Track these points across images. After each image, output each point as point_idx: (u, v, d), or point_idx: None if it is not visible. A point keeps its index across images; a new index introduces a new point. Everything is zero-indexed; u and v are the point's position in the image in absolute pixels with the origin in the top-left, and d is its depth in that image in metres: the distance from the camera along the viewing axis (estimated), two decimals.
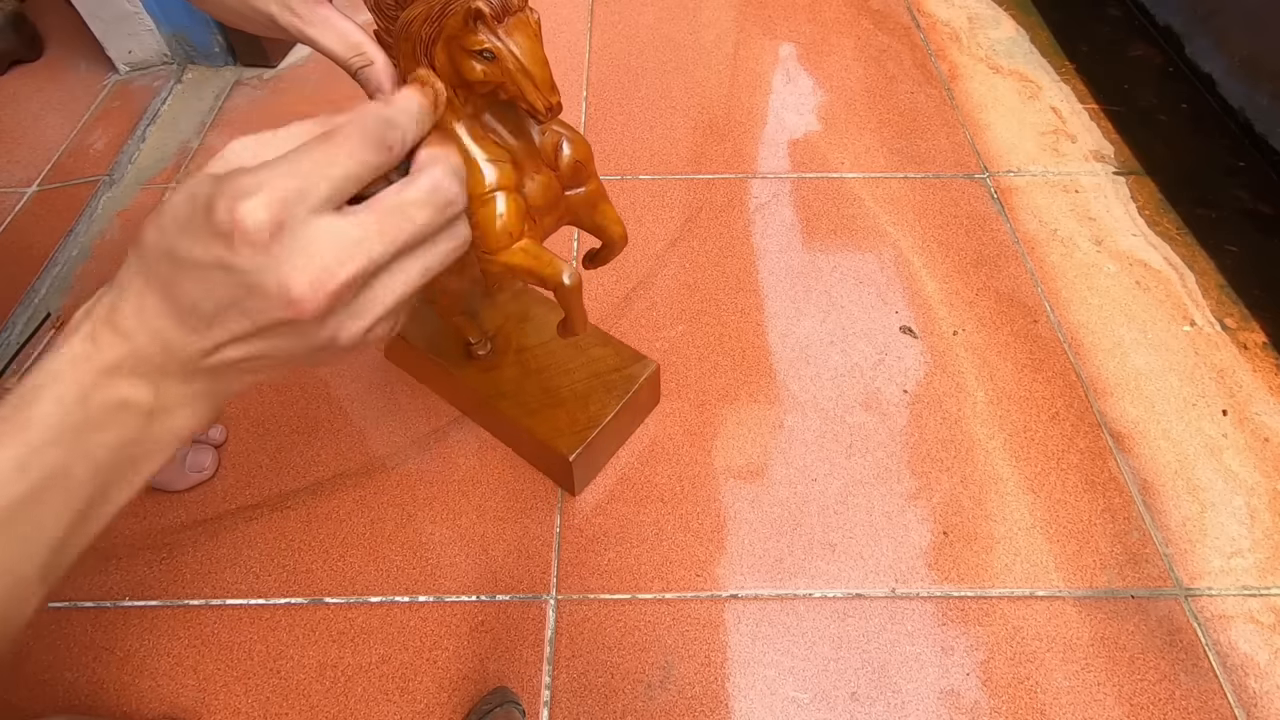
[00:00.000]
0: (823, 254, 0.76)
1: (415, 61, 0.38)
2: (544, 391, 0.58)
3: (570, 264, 0.44)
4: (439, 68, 0.38)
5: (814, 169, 0.84)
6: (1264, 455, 0.61)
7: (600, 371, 0.59)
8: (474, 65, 0.37)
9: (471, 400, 0.61)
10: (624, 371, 0.59)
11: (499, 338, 0.61)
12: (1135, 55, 0.98)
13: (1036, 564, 0.55)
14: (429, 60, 0.38)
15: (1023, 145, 0.87)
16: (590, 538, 0.57)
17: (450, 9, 0.36)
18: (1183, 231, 0.77)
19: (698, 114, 0.92)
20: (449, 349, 0.60)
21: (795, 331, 0.70)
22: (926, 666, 0.51)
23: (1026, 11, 1.05)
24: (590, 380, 0.58)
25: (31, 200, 0.84)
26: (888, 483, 0.60)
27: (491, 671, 0.51)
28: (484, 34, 0.36)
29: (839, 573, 0.55)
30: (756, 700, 0.49)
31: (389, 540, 0.57)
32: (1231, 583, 0.54)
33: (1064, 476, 0.60)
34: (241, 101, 0.95)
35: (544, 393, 0.58)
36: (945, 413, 0.64)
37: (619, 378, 0.59)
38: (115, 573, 0.55)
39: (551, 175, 0.44)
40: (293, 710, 0.49)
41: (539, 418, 0.56)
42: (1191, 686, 0.50)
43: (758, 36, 1.03)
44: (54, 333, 0.71)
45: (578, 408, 0.57)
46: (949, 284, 0.73)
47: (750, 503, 0.59)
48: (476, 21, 0.36)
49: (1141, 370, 0.66)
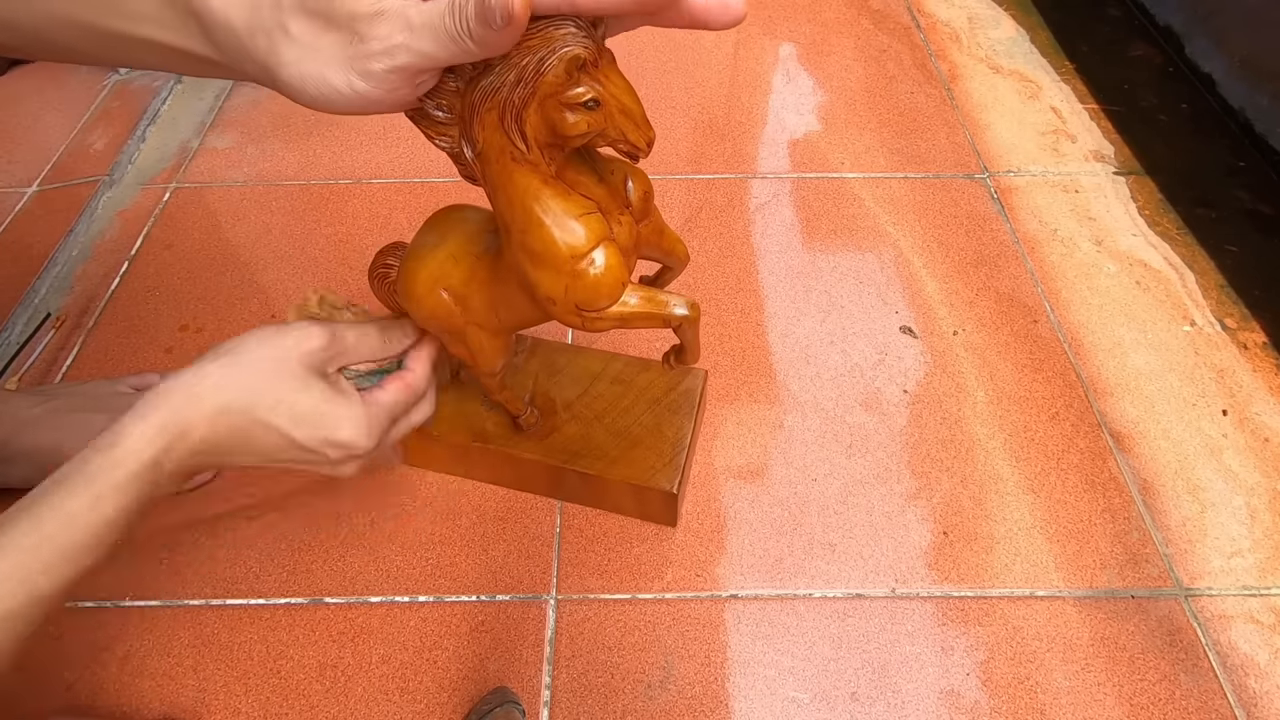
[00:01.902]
0: (823, 254, 0.76)
1: (501, 132, 0.34)
2: (615, 436, 0.55)
3: (680, 295, 0.41)
4: (530, 132, 0.34)
5: (814, 169, 0.84)
6: (1264, 455, 0.61)
7: (658, 397, 0.57)
8: (572, 119, 0.34)
9: (542, 473, 0.56)
10: (680, 389, 0.57)
11: (537, 399, 0.57)
12: (1135, 55, 0.98)
13: (1036, 564, 0.55)
14: (519, 125, 0.34)
15: (1023, 145, 0.87)
16: (590, 538, 0.57)
17: (547, 65, 0.32)
18: (1183, 231, 0.77)
19: (698, 114, 0.92)
20: (496, 431, 0.56)
21: (795, 331, 0.70)
22: (926, 666, 0.51)
23: (1026, 11, 1.06)
24: (653, 409, 0.56)
25: (31, 200, 0.84)
26: (888, 483, 0.60)
27: (491, 671, 0.51)
28: (585, 84, 0.33)
29: (839, 573, 0.55)
30: (756, 700, 0.49)
31: (389, 540, 0.57)
32: (1231, 583, 0.54)
33: (1064, 476, 0.60)
34: (241, 101, 0.95)
35: (616, 438, 0.55)
36: (945, 413, 0.64)
37: (679, 396, 0.57)
38: (115, 573, 0.55)
39: (629, 215, 0.41)
40: (293, 710, 0.49)
41: (625, 464, 0.54)
42: (1191, 686, 0.50)
43: (758, 36, 1.03)
44: (53, 333, 0.71)
45: (656, 440, 0.55)
46: (949, 284, 0.73)
47: (750, 503, 0.59)
48: (580, 72, 0.33)
49: (1141, 370, 0.66)
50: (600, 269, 0.38)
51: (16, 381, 0.67)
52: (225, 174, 0.86)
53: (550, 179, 0.37)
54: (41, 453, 0.56)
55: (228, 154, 0.88)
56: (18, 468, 0.56)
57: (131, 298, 0.74)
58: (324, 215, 0.81)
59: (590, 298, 0.39)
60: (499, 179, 0.37)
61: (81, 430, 0.57)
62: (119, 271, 0.76)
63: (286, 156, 0.87)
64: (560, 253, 0.38)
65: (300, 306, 0.44)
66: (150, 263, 0.77)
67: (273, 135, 0.90)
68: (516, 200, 0.37)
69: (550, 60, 0.32)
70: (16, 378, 0.67)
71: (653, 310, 0.40)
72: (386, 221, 0.80)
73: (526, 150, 0.35)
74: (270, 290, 0.74)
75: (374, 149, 0.88)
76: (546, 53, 0.32)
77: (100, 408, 0.59)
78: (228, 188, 0.85)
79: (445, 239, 0.44)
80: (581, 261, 0.38)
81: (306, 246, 0.78)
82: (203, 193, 0.84)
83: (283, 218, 0.81)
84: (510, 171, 0.36)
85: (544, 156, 0.36)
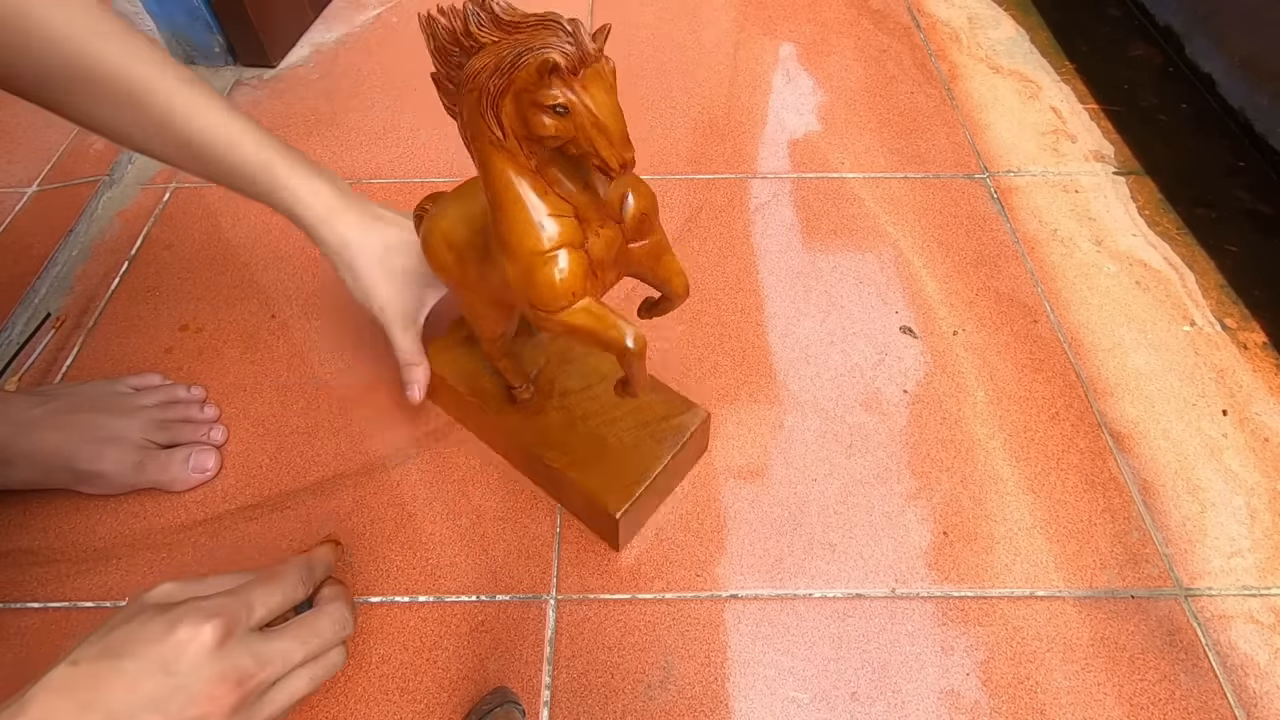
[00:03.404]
0: (823, 254, 0.76)
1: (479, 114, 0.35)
2: (590, 440, 0.55)
3: (633, 326, 0.41)
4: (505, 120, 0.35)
5: (814, 169, 0.84)
6: (1264, 455, 0.61)
7: (648, 420, 0.56)
8: (544, 120, 0.34)
9: (514, 447, 0.58)
10: (673, 421, 0.56)
11: (541, 379, 0.58)
12: (1135, 55, 0.98)
13: (1036, 564, 0.55)
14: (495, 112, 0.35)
15: (1023, 145, 0.87)
16: (590, 538, 0.57)
17: (522, 61, 0.33)
18: (1183, 231, 0.77)
19: (698, 114, 0.92)
20: (492, 392, 0.58)
21: (795, 331, 0.70)
22: (926, 666, 0.51)
23: (1026, 11, 1.06)
24: (638, 430, 0.55)
25: (31, 200, 0.84)
26: (888, 483, 0.60)
27: (491, 671, 0.51)
28: (558, 88, 0.33)
29: (839, 573, 0.55)
30: (756, 700, 0.49)
31: (389, 540, 0.57)
32: (1231, 583, 0.54)
33: (1064, 476, 0.60)
34: (242, 101, 0.95)
35: (590, 442, 0.55)
36: (945, 413, 0.64)
37: (668, 428, 0.55)
38: (115, 573, 0.55)
39: (617, 229, 0.41)
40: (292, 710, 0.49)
41: (586, 470, 0.53)
42: (1191, 686, 0.50)
43: (758, 36, 1.03)
44: (53, 333, 0.71)
45: (625, 460, 0.54)
46: (949, 284, 0.73)
47: (750, 503, 0.59)
48: (551, 75, 0.33)
49: (1141, 370, 0.66)
50: (556, 272, 0.38)
51: (16, 382, 0.67)
52: None
53: (528, 171, 0.37)
54: (43, 454, 0.56)
55: None
56: (19, 470, 0.56)
57: (131, 298, 0.74)
58: None
59: (539, 296, 0.39)
60: (480, 158, 0.38)
61: (82, 431, 0.57)
62: (119, 271, 0.76)
63: None
64: (521, 244, 0.38)
65: None
66: (150, 263, 0.77)
67: None
68: (491, 184, 0.38)
69: (526, 58, 0.33)
70: (16, 378, 0.67)
71: (599, 331, 0.40)
72: None
73: (504, 138, 0.36)
74: (270, 290, 0.74)
75: (374, 149, 0.88)
76: (526, 50, 0.33)
77: (100, 408, 0.59)
78: None
79: (465, 201, 0.46)
80: (540, 259, 0.38)
81: (306, 246, 0.77)
82: (203, 193, 0.84)
83: (283, 218, 0.81)
84: (489, 154, 0.37)
85: (522, 148, 0.36)
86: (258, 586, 0.37)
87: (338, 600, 0.40)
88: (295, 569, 0.40)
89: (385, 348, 0.58)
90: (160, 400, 0.62)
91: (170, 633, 0.33)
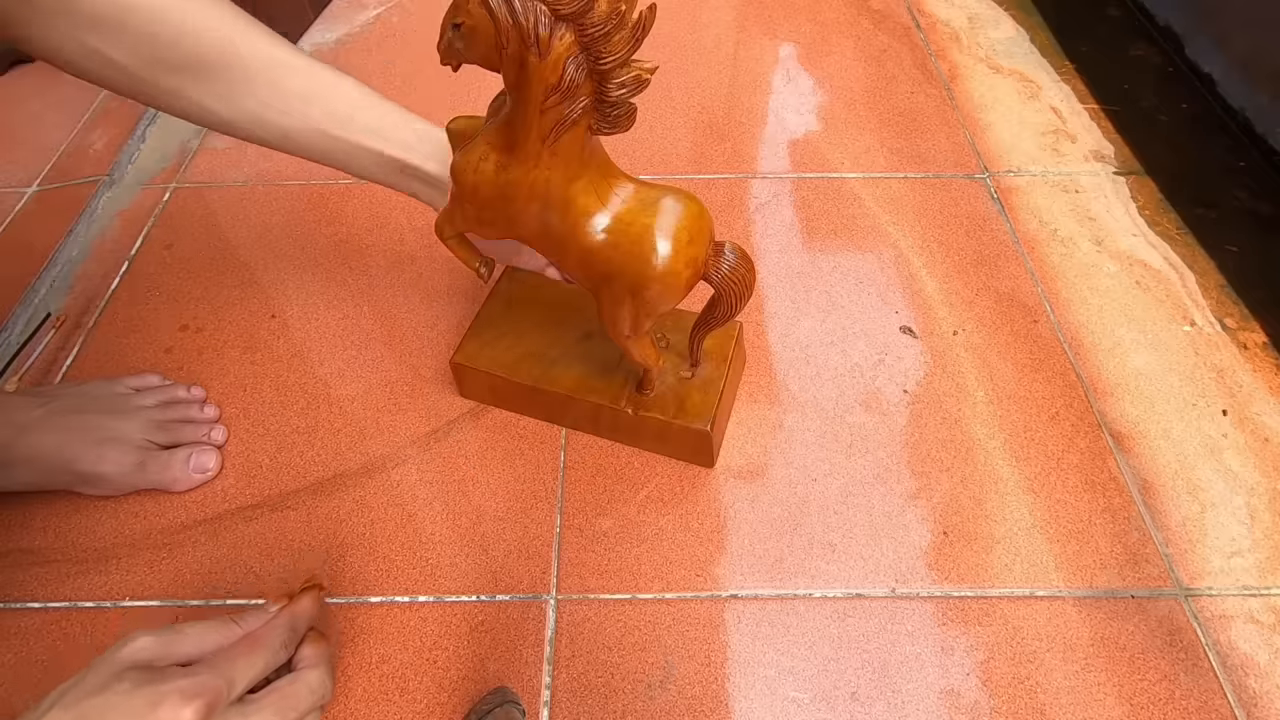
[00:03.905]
0: (823, 254, 0.76)
1: None
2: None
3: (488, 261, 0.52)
4: None
5: (814, 169, 0.84)
6: (1264, 455, 0.61)
7: None
8: None
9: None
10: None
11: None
12: (1135, 55, 0.98)
13: (1036, 564, 0.55)
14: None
15: (1023, 145, 0.87)
16: (590, 538, 0.57)
17: None
18: (1183, 231, 0.77)
19: (698, 114, 0.92)
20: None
21: (795, 331, 0.70)
22: (926, 666, 0.51)
23: (1026, 11, 1.06)
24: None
25: (31, 200, 0.84)
26: (888, 483, 0.60)
27: (491, 671, 0.51)
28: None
29: (839, 573, 0.55)
30: (756, 700, 0.49)
31: (389, 540, 0.57)
32: (1231, 583, 0.54)
33: (1064, 476, 0.60)
34: None
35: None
36: (945, 413, 0.64)
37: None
38: (115, 573, 0.56)
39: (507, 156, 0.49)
40: None
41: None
42: (1191, 686, 0.50)
43: (758, 36, 1.03)
44: (53, 333, 0.71)
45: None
46: (949, 284, 0.73)
47: (750, 503, 0.59)
48: None
49: (1141, 370, 0.66)
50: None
51: (16, 382, 0.67)
52: (225, 174, 0.86)
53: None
54: (44, 456, 0.56)
55: (228, 154, 0.88)
56: (20, 472, 0.56)
57: (131, 298, 0.74)
58: (324, 215, 0.81)
59: None
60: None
61: (82, 432, 0.57)
62: (119, 271, 0.76)
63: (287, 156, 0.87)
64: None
65: None
66: (150, 263, 0.77)
67: None
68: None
69: None
70: (16, 378, 0.67)
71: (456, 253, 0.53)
72: (386, 221, 0.79)
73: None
74: (270, 290, 0.74)
75: None
76: None
77: (100, 408, 0.59)
78: (228, 188, 0.85)
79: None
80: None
81: (306, 246, 0.78)
82: (203, 193, 0.84)
83: (283, 218, 0.81)
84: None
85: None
86: (240, 658, 0.37)
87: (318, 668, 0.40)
88: (278, 633, 0.39)
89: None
90: (160, 400, 0.62)
91: (151, 713, 0.32)
